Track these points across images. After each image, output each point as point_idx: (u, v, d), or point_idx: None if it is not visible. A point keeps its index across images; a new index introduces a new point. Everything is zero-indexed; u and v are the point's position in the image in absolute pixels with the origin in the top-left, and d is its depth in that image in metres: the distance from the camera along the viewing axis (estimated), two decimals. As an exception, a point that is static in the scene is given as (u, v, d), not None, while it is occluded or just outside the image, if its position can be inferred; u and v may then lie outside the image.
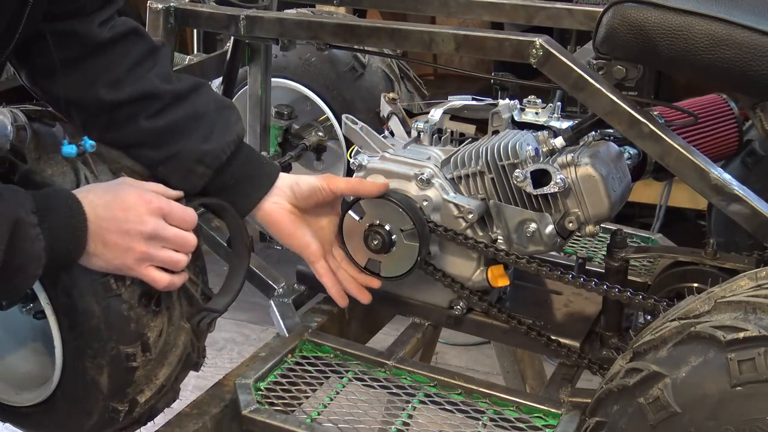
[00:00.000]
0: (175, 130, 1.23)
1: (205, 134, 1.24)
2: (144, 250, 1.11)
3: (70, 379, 1.17)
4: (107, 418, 1.18)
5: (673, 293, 1.29)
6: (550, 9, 1.59)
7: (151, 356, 1.16)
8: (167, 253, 1.13)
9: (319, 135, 2.24)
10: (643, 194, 2.85)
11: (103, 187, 1.13)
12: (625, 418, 0.98)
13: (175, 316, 1.19)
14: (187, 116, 1.24)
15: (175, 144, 1.22)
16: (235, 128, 1.28)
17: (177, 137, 1.23)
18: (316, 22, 1.41)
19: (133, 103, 1.21)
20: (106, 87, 1.20)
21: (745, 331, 0.90)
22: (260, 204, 1.29)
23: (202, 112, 1.25)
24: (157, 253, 1.12)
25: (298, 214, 1.32)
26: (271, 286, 1.58)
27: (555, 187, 1.24)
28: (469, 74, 3.43)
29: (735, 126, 1.58)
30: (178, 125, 1.23)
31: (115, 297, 1.11)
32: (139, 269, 1.11)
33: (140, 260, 1.11)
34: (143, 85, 1.22)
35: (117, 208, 1.09)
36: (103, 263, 1.10)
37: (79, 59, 1.20)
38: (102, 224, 1.08)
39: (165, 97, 1.23)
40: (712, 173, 1.15)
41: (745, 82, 1.15)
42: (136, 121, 1.22)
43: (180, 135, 1.23)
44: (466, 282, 1.35)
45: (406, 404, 1.27)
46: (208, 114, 1.26)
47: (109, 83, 1.20)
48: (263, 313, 1.56)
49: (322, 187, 1.30)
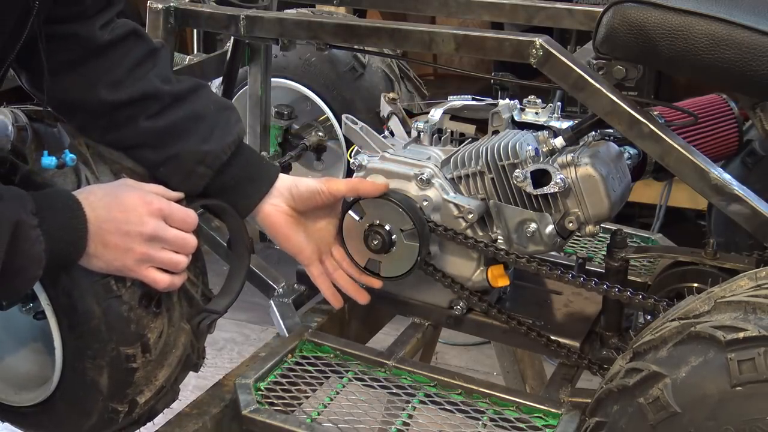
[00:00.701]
0: (174, 131, 1.23)
1: (205, 135, 1.24)
2: (144, 252, 1.11)
3: (69, 379, 1.17)
4: (106, 418, 1.18)
5: (673, 293, 1.29)
6: (550, 9, 1.59)
7: (151, 357, 1.16)
8: (167, 254, 1.13)
9: (319, 135, 2.24)
10: (643, 194, 2.85)
11: (103, 189, 1.13)
12: (625, 418, 0.98)
13: (175, 317, 1.19)
14: (187, 117, 1.24)
15: (175, 145, 1.22)
16: (235, 129, 1.28)
17: (177, 138, 1.23)
18: (316, 22, 1.41)
19: (134, 103, 1.21)
20: (107, 88, 1.20)
21: (745, 331, 0.90)
22: (259, 205, 1.29)
23: (201, 113, 1.25)
24: (158, 255, 1.12)
25: (295, 217, 1.31)
26: (271, 286, 1.58)
27: (555, 187, 1.24)
28: (469, 74, 3.43)
29: (735, 126, 1.58)
30: (178, 126, 1.23)
31: (116, 298, 1.11)
32: (139, 270, 1.11)
33: (140, 261, 1.11)
34: (143, 86, 1.22)
35: (117, 210, 1.09)
36: (103, 264, 1.10)
37: (80, 61, 1.21)
38: (102, 225, 1.08)
39: (165, 98, 1.23)
40: (712, 173, 1.15)
41: (745, 82, 1.15)
42: (136, 121, 1.22)
43: (180, 136, 1.23)
44: (466, 282, 1.35)
45: (406, 404, 1.27)
46: (207, 115, 1.25)
47: (109, 84, 1.21)
48: (263, 313, 1.56)
49: (321, 191, 1.30)
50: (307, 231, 1.34)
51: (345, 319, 1.51)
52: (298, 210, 1.32)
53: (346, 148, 2.12)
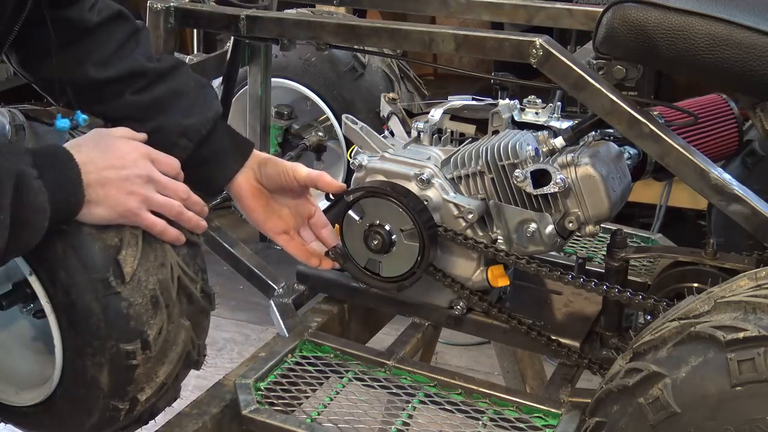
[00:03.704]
0: (158, 105, 1.29)
1: (187, 110, 1.30)
2: (144, 193, 1.13)
3: (70, 378, 1.17)
4: (108, 416, 1.18)
5: (673, 293, 1.29)
6: (550, 9, 1.59)
7: (151, 354, 1.16)
8: (163, 197, 1.16)
9: (319, 135, 2.25)
10: (643, 194, 2.85)
11: (92, 139, 1.15)
12: (625, 418, 0.98)
13: (174, 313, 1.19)
14: (170, 92, 1.30)
15: (158, 118, 1.28)
16: (214, 105, 1.35)
17: (160, 112, 1.29)
18: (316, 22, 1.41)
19: (121, 80, 1.27)
20: (95, 66, 1.26)
21: (744, 331, 0.90)
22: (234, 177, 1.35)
23: (183, 90, 1.32)
24: (155, 197, 1.15)
25: (262, 191, 1.37)
26: (271, 286, 1.58)
27: (555, 187, 1.24)
28: (469, 74, 3.42)
29: (735, 126, 1.58)
30: (162, 101, 1.29)
31: (115, 295, 1.11)
32: (141, 213, 1.13)
33: (142, 204, 1.13)
34: (130, 64, 1.28)
35: (113, 156, 1.12)
36: (106, 212, 1.11)
37: (71, 43, 1.26)
38: (102, 173, 1.11)
39: (149, 75, 1.29)
40: (712, 173, 1.15)
41: (745, 82, 1.15)
42: (123, 96, 1.27)
43: (163, 110, 1.29)
44: (466, 282, 1.35)
45: (406, 404, 1.27)
46: (188, 91, 1.32)
47: (97, 63, 1.27)
48: (263, 313, 1.56)
49: (285, 172, 1.35)
50: (272, 208, 1.38)
51: (345, 319, 1.52)
52: (266, 186, 1.37)
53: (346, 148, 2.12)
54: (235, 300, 2.88)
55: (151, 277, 1.14)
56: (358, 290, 1.45)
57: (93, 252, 1.11)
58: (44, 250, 1.10)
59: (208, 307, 1.25)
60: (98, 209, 1.10)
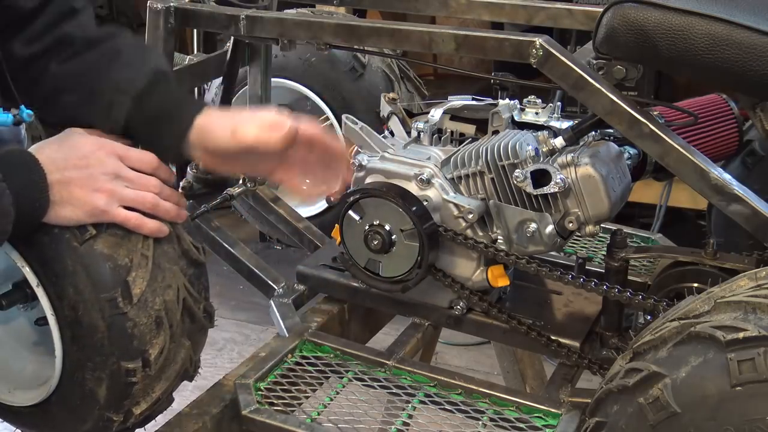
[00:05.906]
0: (88, 71, 1.20)
1: (120, 69, 1.20)
2: (110, 188, 1.11)
3: (67, 387, 1.17)
4: (101, 426, 1.18)
5: (673, 293, 1.29)
6: (550, 9, 1.59)
7: (151, 372, 1.16)
8: (134, 191, 1.13)
9: (319, 135, 2.23)
10: (643, 194, 2.85)
11: (56, 141, 1.13)
12: (625, 418, 0.98)
13: (177, 333, 1.18)
14: (102, 56, 1.21)
15: (90, 83, 1.20)
16: (154, 61, 1.23)
17: (92, 77, 1.20)
18: (316, 22, 1.41)
19: (47, 53, 1.21)
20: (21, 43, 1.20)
21: (744, 331, 0.90)
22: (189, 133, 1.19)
23: (117, 51, 1.22)
24: (124, 192, 1.12)
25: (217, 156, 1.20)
26: (271, 286, 1.58)
27: (555, 187, 1.24)
28: (469, 74, 3.42)
29: (735, 126, 1.58)
30: (92, 66, 1.20)
31: (121, 315, 1.11)
32: (110, 210, 1.11)
33: (109, 201, 1.11)
34: (56, 35, 1.21)
35: (75, 156, 1.10)
36: (73, 213, 1.09)
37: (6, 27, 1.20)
38: (65, 173, 1.09)
39: (77, 44, 1.21)
40: (712, 173, 1.15)
41: (745, 82, 1.15)
42: (48, 68, 1.20)
43: (95, 75, 1.20)
44: (466, 282, 1.35)
45: (406, 404, 1.27)
46: (123, 51, 1.22)
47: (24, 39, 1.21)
48: (263, 313, 1.56)
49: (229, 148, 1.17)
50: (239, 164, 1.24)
51: (345, 319, 1.52)
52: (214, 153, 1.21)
53: (346, 148, 2.12)
54: (235, 300, 2.88)
55: (158, 297, 1.14)
56: (358, 290, 1.45)
57: (103, 271, 1.10)
58: (54, 264, 1.10)
59: (208, 325, 1.25)
60: (64, 210, 1.09)
